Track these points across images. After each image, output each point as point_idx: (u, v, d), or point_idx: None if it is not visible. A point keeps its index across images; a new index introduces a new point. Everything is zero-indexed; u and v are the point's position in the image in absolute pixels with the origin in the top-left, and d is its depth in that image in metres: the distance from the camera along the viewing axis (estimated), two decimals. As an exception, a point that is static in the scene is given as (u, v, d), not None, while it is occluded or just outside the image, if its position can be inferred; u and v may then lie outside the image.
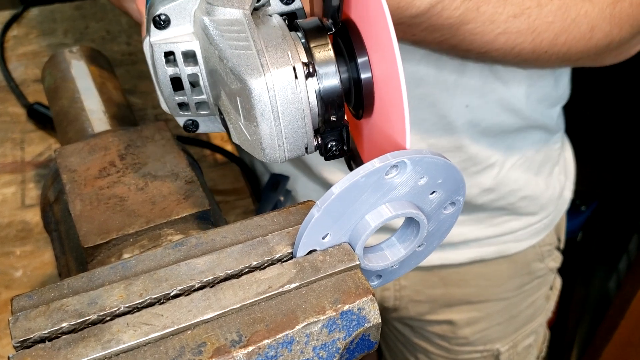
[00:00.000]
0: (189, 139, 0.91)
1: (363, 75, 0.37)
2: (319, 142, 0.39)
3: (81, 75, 0.70)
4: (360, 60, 0.37)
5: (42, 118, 0.94)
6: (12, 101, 0.99)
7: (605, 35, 0.61)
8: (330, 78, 0.37)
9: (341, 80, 0.37)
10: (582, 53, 0.62)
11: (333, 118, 0.37)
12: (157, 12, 0.38)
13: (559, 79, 0.82)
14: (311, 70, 0.36)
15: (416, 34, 0.54)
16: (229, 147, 0.93)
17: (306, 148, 0.38)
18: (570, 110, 0.92)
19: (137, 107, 0.98)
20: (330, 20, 0.38)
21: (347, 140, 0.39)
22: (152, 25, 0.39)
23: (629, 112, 1.64)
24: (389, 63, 0.34)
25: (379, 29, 0.35)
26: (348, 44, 0.38)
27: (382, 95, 0.37)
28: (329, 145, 0.39)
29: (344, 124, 0.38)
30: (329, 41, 0.37)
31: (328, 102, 0.37)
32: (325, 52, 0.37)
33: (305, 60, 0.36)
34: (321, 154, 0.39)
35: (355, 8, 0.38)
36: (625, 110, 1.66)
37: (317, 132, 0.39)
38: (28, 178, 0.87)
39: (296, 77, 0.36)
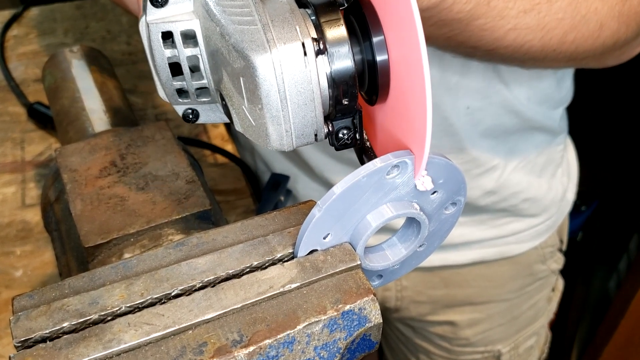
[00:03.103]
0: (190, 139, 0.91)
1: (378, 57, 0.34)
2: (330, 129, 0.36)
3: (81, 74, 0.69)
4: (375, 39, 0.34)
5: (42, 118, 0.94)
6: (12, 101, 0.99)
7: (612, 34, 0.60)
8: (342, 57, 0.34)
9: (354, 61, 0.34)
10: (589, 52, 0.61)
11: (345, 102, 0.35)
12: None
13: (562, 80, 0.82)
14: (321, 47, 0.33)
15: (424, 29, 0.53)
16: (229, 148, 0.93)
17: (315, 135, 0.36)
18: (571, 111, 0.92)
19: (137, 106, 0.98)
20: None
21: (359, 128, 0.36)
22: (148, 3, 0.36)
23: (630, 113, 1.64)
24: (409, 43, 0.32)
25: (398, 6, 0.32)
26: (362, 21, 0.35)
27: (399, 79, 0.34)
28: (340, 134, 0.36)
29: (356, 110, 0.36)
30: (341, 16, 0.34)
31: (340, 84, 0.34)
32: (336, 29, 0.34)
33: (315, 36, 0.33)
34: (331, 143, 0.37)
35: None
36: (625, 110, 1.66)
37: (327, 118, 0.36)
38: (28, 178, 0.87)
39: (305, 54, 0.33)
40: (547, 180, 0.87)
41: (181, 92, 0.39)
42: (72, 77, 0.69)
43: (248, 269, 0.37)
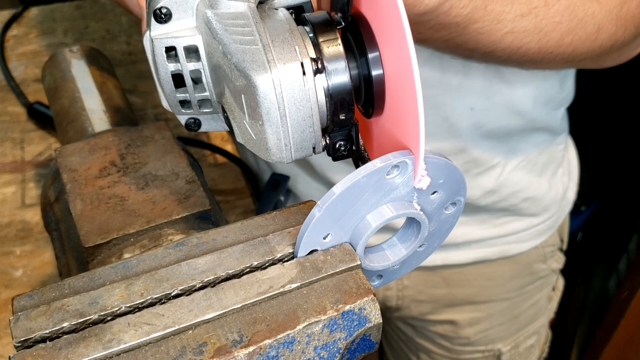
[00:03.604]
0: (190, 139, 0.91)
1: (374, 72, 0.36)
2: (327, 141, 0.37)
3: (81, 74, 0.69)
4: (371, 55, 0.36)
5: (42, 117, 0.94)
6: (12, 100, 0.99)
7: (610, 36, 0.60)
8: (340, 75, 0.35)
9: (351, 77, 0.35)
10: (586, 54, 0.61)
11: (342, 117, 0.36)
12: (158, 5, 0.37)
13: (565, 80, 0.82)
14: (320, 66, 0.35)
15: (422, 32, 0.54)
16: (229, 147, 0.93)
17: (314, 148, 0.37)
18: (571, 111, 0.92)
19: (137, 106, 0.98)
20: (339, 14, 0.36)
21: (356, 140, 0.38)
22: (152, 19, 0.37)
23: (630, 113, 1.64)
24: (401, 59, 0.33)
25: (391, 23, 0.33)
26: (358, 38, 0.37)
27: (394, 93, 0.35)
28: (337, 145, 0.38)
29: (353, 123, 0.37)
30: (338, 36, 0.36)
31: (337, 100, 0.35)
32: (334, 47, 0.35)
33: (314, 56, 0.35)
34: (329, 155, 0.38)
35: (365, 1, 0.36)
36: (626, 110, 1.66)
37: (325, 131, 0.37)
38: (28, 177, 0.87)
39: (304, 73, 0.34)
40: (548, 179, 0.87)
41: (184, 103, 0.40)
42: (72, 77, 0.69)
43: (248, 269, 0.37)
